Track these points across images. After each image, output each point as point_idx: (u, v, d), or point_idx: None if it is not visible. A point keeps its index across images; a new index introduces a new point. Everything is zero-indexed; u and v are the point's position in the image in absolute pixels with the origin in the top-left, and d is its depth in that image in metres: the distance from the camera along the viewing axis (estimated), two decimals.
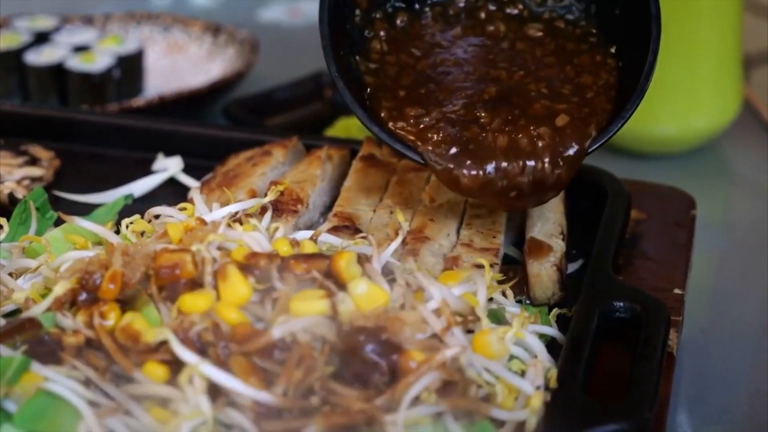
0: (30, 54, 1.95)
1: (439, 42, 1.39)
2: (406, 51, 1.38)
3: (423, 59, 1.37)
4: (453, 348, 1.11)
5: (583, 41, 1.38)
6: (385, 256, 1.24)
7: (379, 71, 1.36)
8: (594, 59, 1.37)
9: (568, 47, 1.39)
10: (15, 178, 1.51)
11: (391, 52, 1.37)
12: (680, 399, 1.34)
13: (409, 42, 1.39)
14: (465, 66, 1.36)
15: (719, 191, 1.83)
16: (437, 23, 1.40)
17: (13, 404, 1.09)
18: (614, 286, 1.26)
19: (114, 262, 1.18)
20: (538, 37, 1.39)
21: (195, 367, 1.08)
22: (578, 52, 1.38)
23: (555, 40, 1.39)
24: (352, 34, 1.36)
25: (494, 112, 1.31)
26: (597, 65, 1.37)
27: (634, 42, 1.34)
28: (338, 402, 1.09)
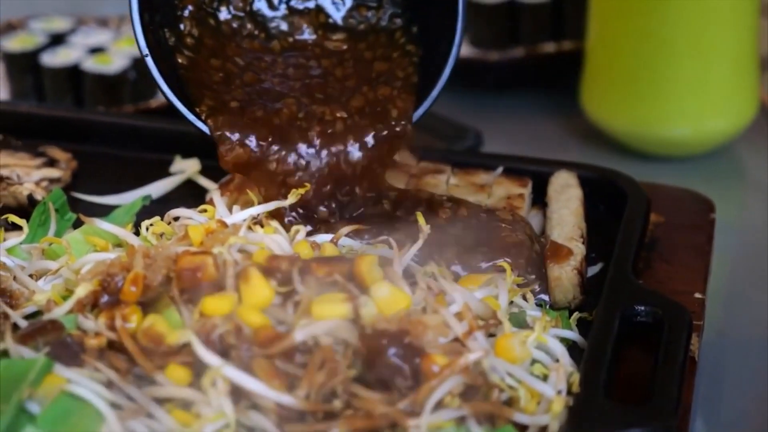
0: (46, 55, 1.95)
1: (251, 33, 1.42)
2: (216, 36, 1.41)
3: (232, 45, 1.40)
4: (476, 352, 1.11)
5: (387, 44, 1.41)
6: (406, 259, 1.24)
7: (191, 49, 1.38)
8: (392, 63, 1.40)
9: (366, 56, 1.41)
10: (33, 179, 1.51)
11: (202, 36, 1.40)
12: (697, 403, 1.34)
13: (218, 28, 1.41)
14: (271, 64, 1.40)
15: (735, 194, 1.83)
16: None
17: (36, 406, 1.09)
18: (635, 289, 1.26)
19: (135, 265, 1.18)
20: (340, 50, 1.42)
21: (218, 370, 1.08)
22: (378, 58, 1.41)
23: (355, 50, 1.41)
24: (161, 6, 1.38)
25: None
26: (396, 66, 1.39)
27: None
28: (361, 406, 1.09)
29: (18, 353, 1.12)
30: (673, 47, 1.75)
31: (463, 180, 1.45)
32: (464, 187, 1.43)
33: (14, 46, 1.98)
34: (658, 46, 1.75)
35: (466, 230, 1.32)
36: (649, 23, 1.75)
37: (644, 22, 1.75)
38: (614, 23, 1.79)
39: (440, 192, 1.42)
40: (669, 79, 1.77)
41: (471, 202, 1.37)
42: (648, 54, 1.76)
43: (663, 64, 1.76)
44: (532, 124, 1.98)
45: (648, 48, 1.76)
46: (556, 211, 1.40)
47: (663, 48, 1.75)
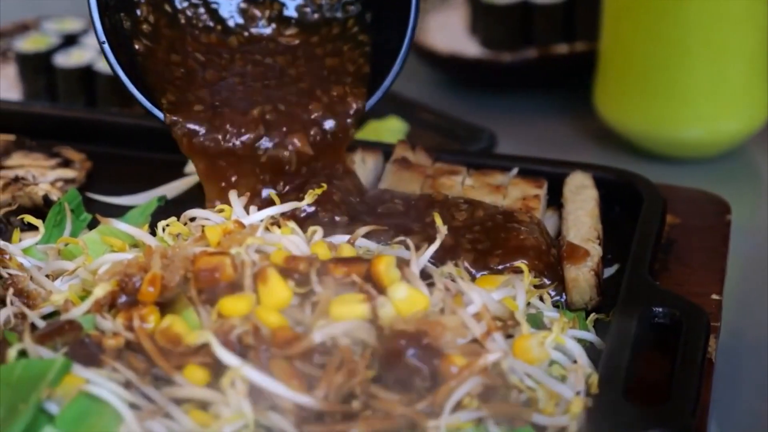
0: (59, 56, 1.95)
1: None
2: (173, 26, 1.42)
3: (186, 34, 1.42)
4: (494, 353, 1.11)
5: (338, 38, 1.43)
6: (423, 260, 1.24)
7: (149, 38, 1.39)
8: (343, 57, 1.41)
9: (318, 52, 1.42)
10: (48, 179, 1.51)
11: (159, 24, 1.41)
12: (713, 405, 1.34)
13: (174, 16, 1.42)
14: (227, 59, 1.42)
15: (748, 195, 1.82)
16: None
17: (55, 406, 1.09)
18: (653, 291, 1.26)
19: (153, 265, 1.18)
20: (293, 46, 1.43)
21: (237, 370, 1.08)
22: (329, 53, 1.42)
23: (307, 45, 1.43)
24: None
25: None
26: (347, 60, 1.41)
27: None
28: (379, 406, 1.08)
29: (36, 353, 1.12)
30: (688, 49, 1.75)
31: (479, 181, 1.45)
32: (479, 188, 1.43)
33: (27, 47, 1.98)
34: (672, 47, 1.75)
35: (483, 232, 1.32)
36: (663, 25, 1.75)
37: (658, 23, 1.75)
38: (628, 25, 1.79)
39: (456, 193, 1.42)
40: (683, 81, 1.76)
41: (487, 203, 1.37)
42: (662, 55, 1.76)
43: (677, 65, 1.76)
44: (545, 125, 1.98)
45: (662, 49, 1.76)
46: (572, 212, 1.39)
47: (677, 49, 1.75)
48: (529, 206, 1.39)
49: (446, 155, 1.51)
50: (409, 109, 1.89)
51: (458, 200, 1.37)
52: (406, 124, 1.85)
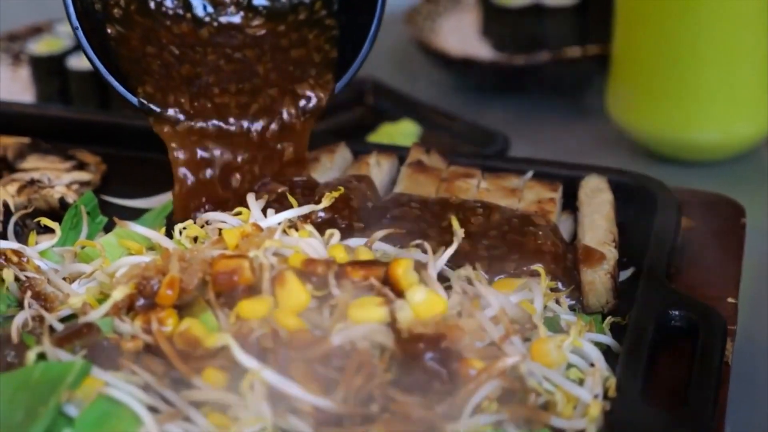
0: (72, 59, 1.96)
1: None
2: (143, 12, 1.43)
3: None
4: (513, 356, 1.11)
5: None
6: (440, 263, 1.24)
7: (121, 23, 1.41)
8: (309, 47, 1.44)
9: (283, 44, 1.44)
10: (64, 182, 1.52)
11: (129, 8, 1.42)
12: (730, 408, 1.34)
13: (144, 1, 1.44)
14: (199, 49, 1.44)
15: (762, 197, 1.82)
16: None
17: (74, 409, 1.09)
18: (670, 294, 1.26)
19: (171, 268, 1.18)
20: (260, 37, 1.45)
21: (256, 373, 1.08)
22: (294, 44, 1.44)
23: (274, 36, 1.45)
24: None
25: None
26: (312, 49, 1.43)
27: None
28: (398, 409, 1.09)
29: (55, 356, 1.12)
30: (701, 52, 1.75)
31: (494, 184, 1.45)
32: (495, 191, 1.43)
33: (40, 50, 1.99)
34: (686, 50, 1.75)
35: (499, 237, 1.32)
36: (676, 28, 1.75)
37: (672, 26, 1.75)
38: (642, 28, 1.79)
39: (471, 196, 1.42)
40: (697, 84, 1.76)
41: (503, 207, 1.37)
42: (675, 58, 1.76)
43: (691, 68, 1.76)
44: (558, 129, 1.98)
45: (675, 52, 1.76)
46: (587, 216, 1.39)
47: (691, 52, 1.75)
48: (544, 209, 1.39)
49: (461, 158, 1.51)
50: (422, 112, 1.89)
51: (474, 204, 1.37)
52: (419, 127, 1.85)
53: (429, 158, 1.50)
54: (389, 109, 1.92)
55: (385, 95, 1.95)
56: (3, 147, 1.60)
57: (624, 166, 1.54)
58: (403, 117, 1.88)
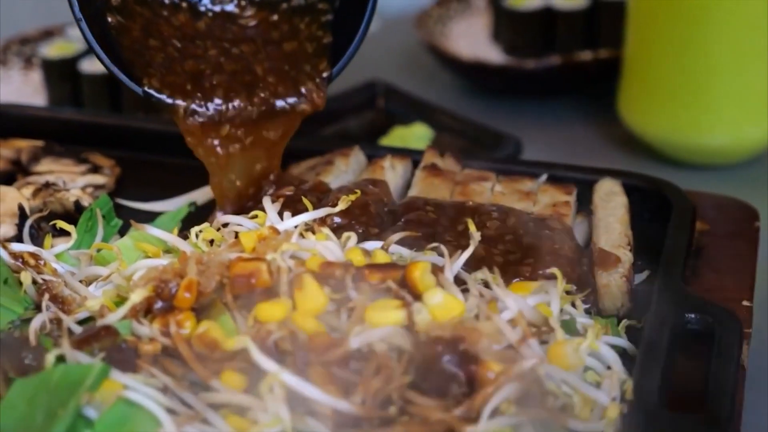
0: (85, 62, 1.96)
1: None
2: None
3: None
4: (531, 359, 1.12)
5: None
6: (456, 266, 1.24)
7: (120, 12, 1.41)
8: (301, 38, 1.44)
9: (274, 36, 1.45)
10: (79, 185, 1.52)
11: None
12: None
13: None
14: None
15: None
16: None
17: (93, 411, 1.09)
18: (686, 297, 1.26)
19: (189, 271, 1.19)
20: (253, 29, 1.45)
21: (276, 376, 1.08)
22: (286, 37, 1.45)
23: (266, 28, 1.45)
24: None
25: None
26: (305, 39, 1.44)
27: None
28: (416, 412, 1.09)
29: (74, 358, 1.13)
30: (713, 55, 1.75)
31: (508, 187, 1.45)
32: (509, 195, 1.44)
33: (53, 53, 1.99)
34: (699, 54, 1.75)
35: (514, 241, 1.33)
36: (688, 32, 1.75)
37: (684, 31, 1.75)
38: (654, 32, 1.79)
39: (485, 199, 1.42)
40: (709, 88, 1.77)
41: (519, 210, 1.37)
42: (687, 63, 1.77)
43: (703, 72, 1.76)
44: (569, 132, 1.98)
45: (688, 57, 1.76)
46: (602, 219, 1.40)
47: (703, 57, 1.75)
48: (559, 212, 1.39)
49: (475, 162, 1.51)
50: (434, 116, 1.90)
51: (490, 208, 1.37)
52: (431, 131, 1.86)
53: (443, 161, 1.50)
54: (401, 113, 1.92)
55: (397, 98, 1.95)
56: (17, 150, 1.60)
57: (635, 169, 1.54)
58: (415, 120, 1.88)
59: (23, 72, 2.10)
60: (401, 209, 1.38)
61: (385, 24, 2.30)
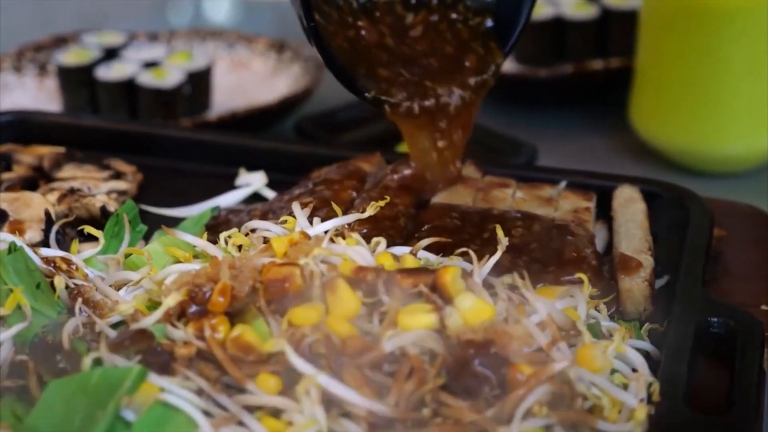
0: (101, 69, 1.98)
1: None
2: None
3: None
4: (562, 361, 1.14)
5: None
6: (485, 271, 1.26)
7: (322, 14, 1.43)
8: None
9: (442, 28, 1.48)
10: (103, 191, 1.54)
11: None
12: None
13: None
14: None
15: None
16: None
17: (131, 413, 1.11)
18: (708, 301, 1.28)
19: (222, 276, 1.20)
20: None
21: (312, 378, 1.10)
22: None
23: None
24: None
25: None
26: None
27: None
28: (449, 414, 1.11)
29: (111, 361, 1.14)
30: (725, 65, 1.77)
31: (529, 194, 1.47)
32: (530, 201, 1.46)
33: (69, 60, 2.01)
34: (711, 63, 1.78)
35: (539, 249, 1.35)
36: (701, 42, 1.77)
37: (697, 40, 1.78)
38: (666, 41, 1.82)
39: (507, 206, 1.44)
40: (723, 97, 1.79)
41: (542, 216, 1.40)
42: (700, 71, 1.79)
43: (717, 82, 1.78)
44: (582, 140, 2.01)
45: (700, 65, 1.79)
46: (622, 225, 1.42)
47: (716, 65, 1.78)
48: (581, 218, 1.42)
49: (495, 169, 1.53)
50: None
51: (514, 215, 1.39)
52: None
53: (465, 168, 1.52)
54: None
55: None
56: (39, 157, 1.62)
57: (647, 177, 1.56)
58: None
59: (38, 79, 2.12)
60: (426, 216, 1.40)
61: None
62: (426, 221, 1.39)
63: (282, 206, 1.45)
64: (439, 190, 1.46)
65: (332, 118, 1.95)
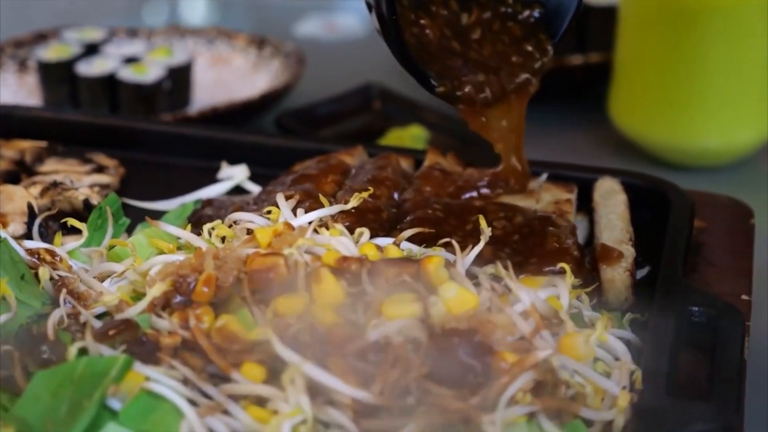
0: (82, 65, 1.98)
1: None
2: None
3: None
4: (545, 350, 1.14)
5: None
6: (467, 261, 1.27)
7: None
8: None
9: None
10: (85, 184, 1.54)
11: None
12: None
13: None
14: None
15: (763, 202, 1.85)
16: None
17: (117, 402, 1.11)
18: (689, 291, 1.30)
19: (206, 266, 1.21)
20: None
21: (297, 367, 1.10)
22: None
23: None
24: None
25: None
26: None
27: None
28: (434, 401, 1.11)
29: (97, 351, 1.14)
30: (704, 60, 1.79)
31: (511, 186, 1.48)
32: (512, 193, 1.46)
33: (49, 56, 2.01)
34: (691, 59, 1.79)
35: (521, 241, 1.35)
36: (681, 37, 1.79)
37: (676, 36, 1.79)
38: (645, 36, 1.83)
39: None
40: (701, 92, 1.80)
41: (524, 207, 1.40)
42: (679, 67, 1.80)
43: (694, 77, 1.80)
44: (562, 136, 2.01)
45: (680, 60, 1.80)
46: (604, 216, 1.43)
47: (693, 61, 1.79)
48: (562, 210, 1.42)
49: (476, 161, 1.54)
50: (429, 117, 1.93)
51: (496, 207, 1.40)
52: (427, 132, 1.88)
53: (446, 161, 1.52)
54: (397, 115, 1.95)
55: (393, 101, 1.98)
56: (20, 151, 1.62)
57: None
58: (411, 122, 1.91)
59: (18, 75, 2.12)
60: (408, 207, 1.41)
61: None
62: (408, 213, 1.40)
63: (264, 199, 1.45)
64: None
65: (312, 113, 1.95)
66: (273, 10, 2.65)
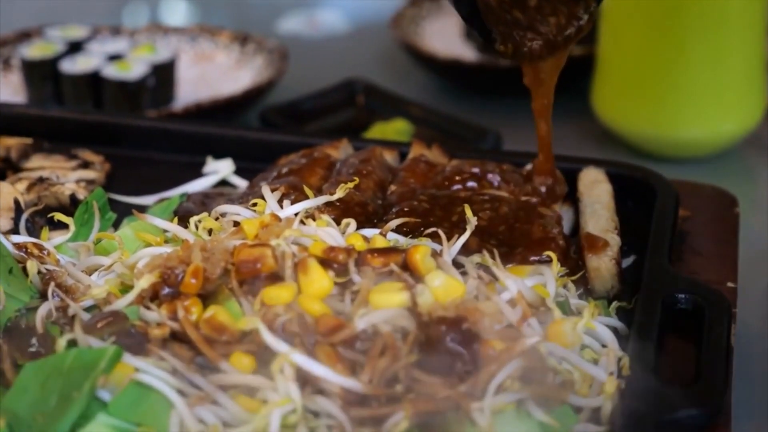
0: (65, 62, 1.98)
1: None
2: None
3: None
4: (533, 337, 1.15)
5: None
6: (454, 250, 1.27)
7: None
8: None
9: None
10: (71, 180, 1.54)
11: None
12: None
13: None
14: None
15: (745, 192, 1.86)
16: None
17: (106, 393, 1.12)
18: (675, 278, 1.30)
19: (194, 258, 1.21)
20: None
21: (286, 356, 1.11)
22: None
23: None
24: None
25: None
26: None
27: None
28: (422, 390, 1.12)
29: (86, 342, 1.15)
30: (686, 52, 1.79)
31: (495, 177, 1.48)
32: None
33: (33, 54, 2.00)
34: (673, 50, 1.80)
35: (507, 231, 1.36)
36: (663, 28, 1.79)
37: (659, 27, 1.80)
38: (628, 28, 1.84)
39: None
40: (683, 83, 1.81)
41: (509, 197, 1.41)
42: (662, 58, 1.81)
43: (676, 68, 1.80)
44: None
45: (662, 52, 1.80)
46: (589, 205, 1.44)
47: (676, 52, 1.80)
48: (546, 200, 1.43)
49: (461, 153, 1.55)
50: (413, 111, 1.93)
51: (481, 197, 1.40)
52: (411, 126, 1.89)
53: (431, 153, 1.53)
54: (381, 109, 1.96)
55: (377, 95, 1.99)
56: (6, 148, 1.62)
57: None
58: (395, 116, 1.92)
59: (2, 74, 2.11)
60: (394, 199, 1.41)
61: (359, 25, 2.35)
62: (394, 205, 1.40)
63: (249, 193, 1.46)
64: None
65: (296, 109, 1.96)
66: (255, 7, 2.65)
